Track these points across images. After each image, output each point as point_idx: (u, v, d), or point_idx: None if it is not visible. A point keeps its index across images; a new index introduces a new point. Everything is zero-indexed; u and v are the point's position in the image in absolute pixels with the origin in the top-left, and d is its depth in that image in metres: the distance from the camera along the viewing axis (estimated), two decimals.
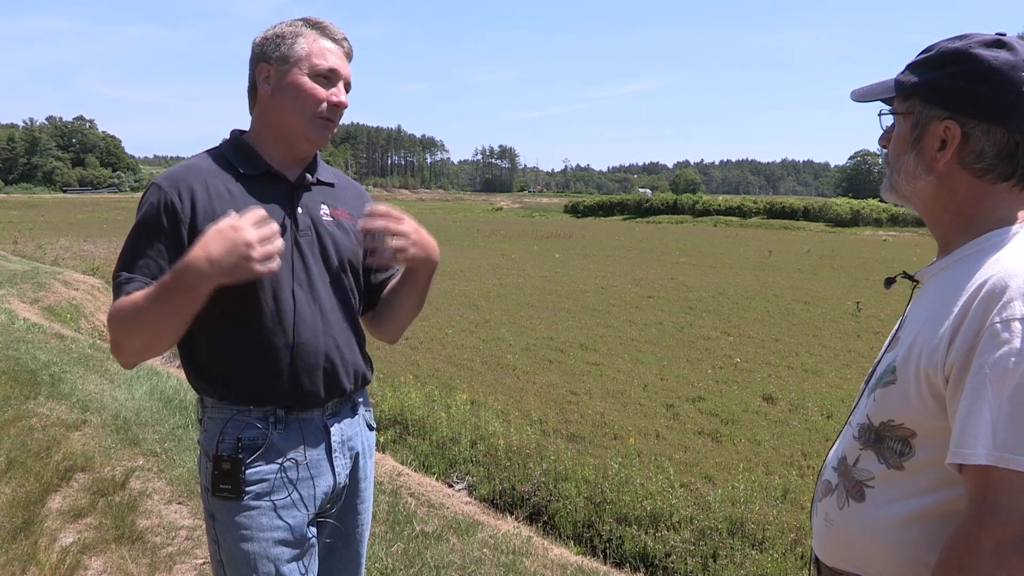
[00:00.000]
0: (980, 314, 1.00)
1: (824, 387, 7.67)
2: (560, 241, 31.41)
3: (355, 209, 1.70)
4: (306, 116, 1.54)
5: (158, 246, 1.47)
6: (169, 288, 1.38)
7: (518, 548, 3.57)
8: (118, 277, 1.48)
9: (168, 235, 1.48)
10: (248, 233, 1.37)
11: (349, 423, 1.67)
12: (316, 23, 1.58)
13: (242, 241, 1.36)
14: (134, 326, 1.43)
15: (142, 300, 1.41)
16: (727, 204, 58.25)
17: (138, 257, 1.47)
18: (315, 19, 1.58)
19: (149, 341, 1.46)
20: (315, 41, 1.55)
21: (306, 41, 1.54)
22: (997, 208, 1.11)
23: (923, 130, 1.12)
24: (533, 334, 10.36)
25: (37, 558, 3.15)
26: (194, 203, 1.49)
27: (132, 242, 1.50)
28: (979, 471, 0.96)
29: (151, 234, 1.48)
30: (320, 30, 1.57)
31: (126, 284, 1.45)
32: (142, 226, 1.49)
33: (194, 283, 1.37)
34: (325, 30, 1.58)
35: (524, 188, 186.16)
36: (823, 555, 1.24)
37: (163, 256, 1.47)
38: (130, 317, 1.42)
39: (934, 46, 1.15)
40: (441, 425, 6.11)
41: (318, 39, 1.56)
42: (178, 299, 1.39)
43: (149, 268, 1.47)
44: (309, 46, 1.54)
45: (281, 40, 1.54)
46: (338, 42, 1.59)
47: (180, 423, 5.07)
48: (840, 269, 20.44)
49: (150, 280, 1.45)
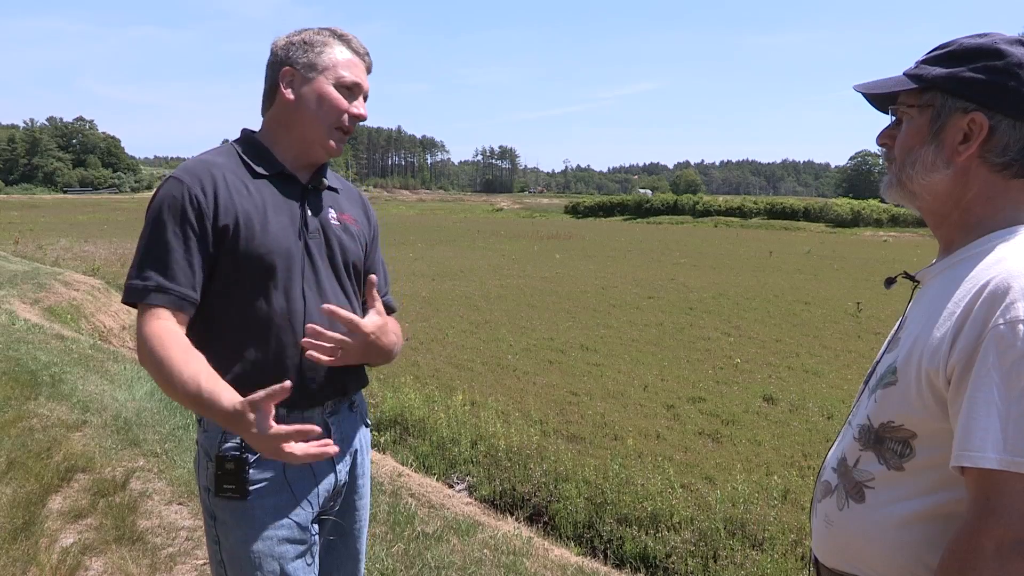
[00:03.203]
0: (983, 316, 0.99)
1: (825, 388, 7.67)
2: (560, 242, 31.42)
3: (357, 215, 1.73)
4: (327, 124, 1.57)
5: (186, 243, 1.45)
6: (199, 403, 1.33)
7: (518, 549, 3.57)
8: (144, 279, 1.43)
9: (195, 230, 1.46)
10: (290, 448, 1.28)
11: (348, 421, 1.68)
12: (342, 35, 1.61)
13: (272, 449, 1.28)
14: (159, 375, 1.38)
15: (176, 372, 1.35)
16: (727, 205, 58.29)
17: (164, 256, 1.44)
18: (341, 31, 1.62)
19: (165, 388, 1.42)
20: (342, 53, 1.59)
21: (333, 52, 1.58)
22: (1005, 207, 1.11)
23: (944, 123, 1.12)
24: (533, 335, 10.36)
25: (38, 559, 3.15)
26: (216, 197, 1.48)
27: (154, 236, 1.45)
28: (983, 473, 0.95)
29: (176, 228, 1.45)
30: (346, 43, 1.61)
31: (155, 293, 1.42)
32: (166, 221, 1.45)
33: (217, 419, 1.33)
34: (351, 43, 1.61)
35: (524, 189, 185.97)
36: (822, 556, 1.24)
37: (192, 255, 1.45)
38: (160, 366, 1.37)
39: (953, 42, 1.15)
40: (441, 426, 6.11)
41: (345, 51, 1.59)
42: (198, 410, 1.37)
43: (180, 274, 1.43)
44: (336, 57, 1.57)
45: (309, 47, 1.57)
46: (361, 56, 1.62)
47: (180, 424, 5.07)
48: (841, 270, 20.44)
49: (182, 293, 1.42)
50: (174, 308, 1.44)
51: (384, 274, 1.83)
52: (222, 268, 1.49)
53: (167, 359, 1.37)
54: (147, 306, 1.43)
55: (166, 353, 1.38)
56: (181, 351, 1.38)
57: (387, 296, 1.84)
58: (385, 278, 1.83)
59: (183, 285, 1.44)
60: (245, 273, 1.49)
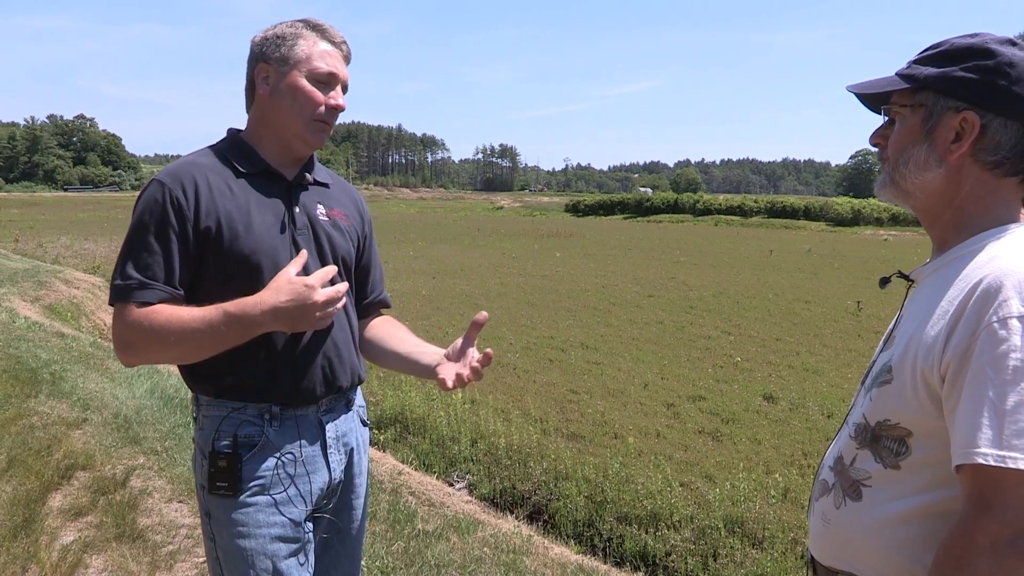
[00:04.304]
0: (976, 313, 1.00)
1: (825, 386, 7.67)
2: (561, 240, 31.41)
3: (349, 210, 1.72)
4: (304, 118, 1.55)
5: (166, 244, 1.46)
6: (230, 322, 1.40)
7: (518, 547, 3.58)
8: (126, 278, 1.44)
9: (176, 232, 1.46)
10: (318, 294, 1.42)
11: (343, 419, 1.67)
12: (316, 25, 1.58)
13: (311, 301, 1.41)
14: (173, 343, 1.42)
15: (193, 323, 1.41)
16: (728, 203, 58.20)
17: (145, 256, 1.45)
18: (315, 21, 1.58)
19: (180, 356, 1.48)
20: (315, 44, 1.55)
21: (306, 43, 1.55)
22: (997, 206, 1.12)
23: (937, 122, 1.13)
24: (534, 333, 10.37)
25: (38, 556, 3.15)
26: (197, 199, 1.48)
27: (138, 241, 1.46)
28: (978, 470, 0.96)
29: (157, 230, 1.46)
30: (320, 33, 1.57)
31: (138, 289, 1.43)
32: (148, 223, 1.46)
33: (254, 326, 1.42)
34: (325, 33, 1.58)
35: (525, 187, 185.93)
36: (819, 554, 1.24)
37: (172, 255, 1.46)
38: (170, 333, 1.41)
39: (945, 42, 1.16)
40: (441, 424, 6.11)
41: (318, 42, 1.56)
42: (233, 334, 1.42)
43: (160, 271, 1.45)
44: (309, 49, 1.54)
45: (281, 41, 1.54)
46: (337, 45, 1.59)
47: (180, 421, 5.07)
48: (841, 268, 20.43)
49: (165, 288, 1.44)
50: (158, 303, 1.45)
51: (379, 270, 1.83)
52: (209, 269, 1.49)
53: (171, 318, 1.42)
54: (128, 304, 1.44)
55: (164, 317, 1.42)
56: (177, 309, 1.43)
57: (382, 294, 1.84)
58: (379, 274, 1.83)
59: (165, 282, 1.45)
60: (232, 273, 1.49)
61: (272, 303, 1.40)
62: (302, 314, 1.42)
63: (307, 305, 1.41)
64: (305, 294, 1.41)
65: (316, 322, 1.44)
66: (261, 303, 1.40)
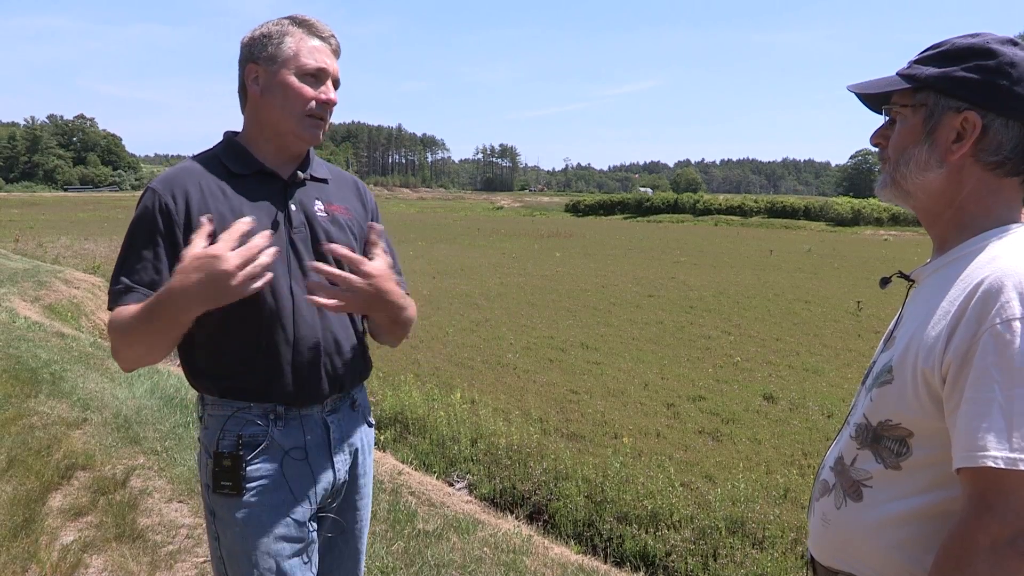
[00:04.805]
0: (977, 314, 1.00)
1: (825, 386, 7.67)
2: (561, 240, 31.40)
3: (351, 203, 1.70)
4: (296, 115, 1.54)
5: (155, 250, 1.48)
6: (152, 313, 1.39)
7: (518, 547, 3.58)
8: (116, 284, 1.48)
9: (164, 238, 1.48)
10: (225, 261, 1.32)
11: (348, 420, 1.67)
12: (303, 21, 1.57)
13: (220, 270, 1.32)
14: (128, 339, 1.44)
15: (132, 318, 1.42)
16: (728, 203, 58.14)
17: (135, 263, 1.48)
18: (301, 17, 1.57)
19: (144, 353, 1.48)
20: (302, 40, 1.55)
21: (293, 40, 1.54)
22: (998, 206, 1.11)
23: (938, 122, 1.13)
24: (534, 333, 10.36)
25: (38, 556, 3.15)
26: (188, 204, 1.49)
27: (129, 247, 1.50)
28: (980, 471, 0.96)
29: (147, 238, 1.48)
30: (307, 28, 1.56)
31: (124, 294, 1.47)
32: (138, 230, 1.50)
33: (175, 312, 1.37)
34: (312, 28, 1.57)
35: (525, 187, 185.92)
36: (819, 555, 1.24)
37: (160, 260, 1.48)
38: (124, 331, 1.44)
39: (946, 42, 1.15)
40: (441, 424, 6.11)
41: (305, 37, 1.55)
42: (162, 324, 1.40)
43: (146, 276, 1.47)
44: (296, 45, 1.54)
45: (268, 40, 1.54)
46: (325, 39, 1.58)
47: (180, 421, 5.07)
48: (841, 268, 20.42)
49: (147, 291, 1.45)
50: None
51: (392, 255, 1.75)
52: None
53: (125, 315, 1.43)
54: (115, 308, 1.47)
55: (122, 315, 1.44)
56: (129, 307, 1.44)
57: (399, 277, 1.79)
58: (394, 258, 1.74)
59: (149, 286, 1.46)
60: None
61: (180, 286, 1.33)
62: (217, 286, 1.32)
63: (217, 274, 1.32)
64: (210, 265, 1.31)
65: (241, 288, 1.34)
66: (171, 288, 1.35)
